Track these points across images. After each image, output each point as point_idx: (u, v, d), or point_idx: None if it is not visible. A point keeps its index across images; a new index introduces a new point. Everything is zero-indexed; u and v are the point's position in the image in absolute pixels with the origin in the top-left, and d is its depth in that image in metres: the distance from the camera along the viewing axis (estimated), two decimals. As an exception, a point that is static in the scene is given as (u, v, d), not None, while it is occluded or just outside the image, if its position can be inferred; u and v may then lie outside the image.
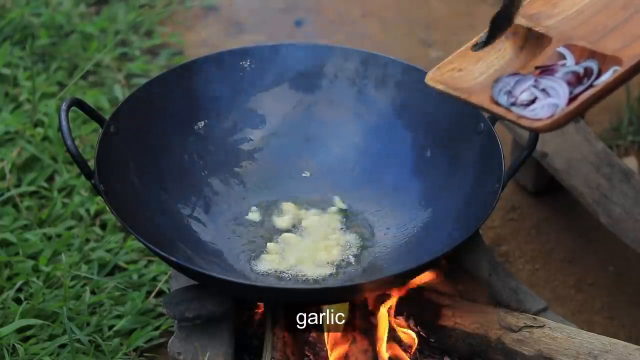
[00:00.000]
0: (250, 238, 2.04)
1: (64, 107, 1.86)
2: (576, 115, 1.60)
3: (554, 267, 2.39)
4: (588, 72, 1.63)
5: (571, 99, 1.60)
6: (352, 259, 2.00)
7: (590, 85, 1.61)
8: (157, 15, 3.08)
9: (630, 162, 2.55)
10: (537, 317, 1.94)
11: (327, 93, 2.18)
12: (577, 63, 1.66)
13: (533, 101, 1.63)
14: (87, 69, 2.76)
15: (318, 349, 1.96)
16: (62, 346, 2.09)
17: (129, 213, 1.88)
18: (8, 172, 2.45)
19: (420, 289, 2.01)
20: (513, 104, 1.63)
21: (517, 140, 2.41)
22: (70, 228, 2.36)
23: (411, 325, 2.01)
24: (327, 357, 1.91)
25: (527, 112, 1.61)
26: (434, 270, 2.00)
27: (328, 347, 1.91)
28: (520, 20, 1.75)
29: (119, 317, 2.16)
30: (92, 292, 2.21)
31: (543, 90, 1.63)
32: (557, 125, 1.59)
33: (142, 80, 2.72)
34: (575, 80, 1.63)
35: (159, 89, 2.08)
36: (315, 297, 1.87)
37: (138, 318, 2.16)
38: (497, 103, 1.65)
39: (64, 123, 1.85)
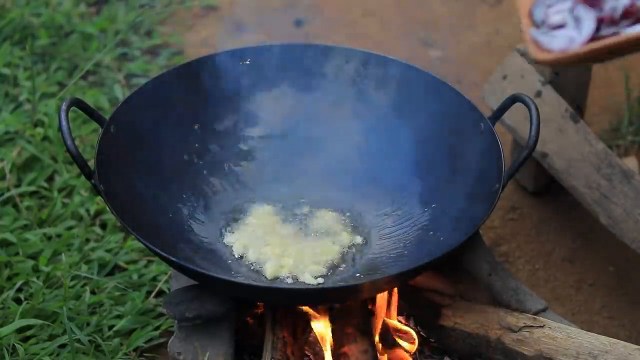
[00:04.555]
0: (250, 238, 2.04)
1: (64, 107, 1.86)
2: (585, 60, 1.44)
3: (554, 267, 2.39)
4: (627, 15, 1.41)
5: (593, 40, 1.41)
6: (351, 259, 2.00)
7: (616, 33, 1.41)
8: (157, 15, 3.08)
9: (630, 162, 2.54)
10: (537, 317, 1.94)
11: (327, 93, 2.18)
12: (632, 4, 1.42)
13: (563, 26, 1.44)
14: (87, 69, 2.76)
15: (318, 349, 1.96)
16: (62, 346, 2.09)
17: (129, 213, 1.88)
18: (8, 172, 2.45)
19: (420, 289, 2.01)
20: (544, 22, 1.46)
21: (517, 140, 2.41)
22: (70, 228, 2.36)
23: (411, 325, 2.01)
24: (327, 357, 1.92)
25: (545, 37, 1.45)
26: (434, 271, 2.00)
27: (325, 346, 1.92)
28: None
29: (119, 317, 2.16)
30: (92, 292, 2.21)
31: (576, 18, 1.44)
32: (558, 63, 1.43)
33: (142, 80, 2.72)
34: (611, 20, 1.42)
35: (158, 89, 2.08)
36: (315, 297, 1.87)
37: (138, 318, 2.16)
38: (531, 16, 1.47)
39: (64, 123, 1.85)
